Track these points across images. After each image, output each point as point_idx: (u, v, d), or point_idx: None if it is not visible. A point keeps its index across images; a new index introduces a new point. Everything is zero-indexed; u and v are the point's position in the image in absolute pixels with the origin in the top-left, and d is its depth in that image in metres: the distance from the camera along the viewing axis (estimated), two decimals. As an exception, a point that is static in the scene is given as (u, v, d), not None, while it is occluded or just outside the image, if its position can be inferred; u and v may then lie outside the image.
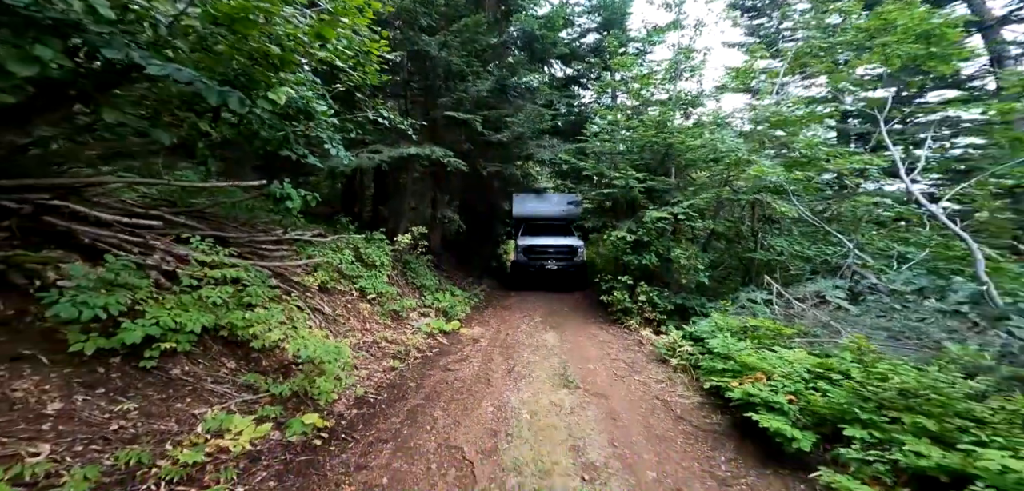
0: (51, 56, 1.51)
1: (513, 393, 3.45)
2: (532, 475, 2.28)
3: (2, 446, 1.63)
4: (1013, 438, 1.56)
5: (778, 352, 2.97)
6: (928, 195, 6.08)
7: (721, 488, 2.23)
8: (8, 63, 1.43)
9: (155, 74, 1.79)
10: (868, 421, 1.94)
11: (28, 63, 1.47)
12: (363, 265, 5.87)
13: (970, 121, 8.01)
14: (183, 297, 2.56)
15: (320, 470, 2.31)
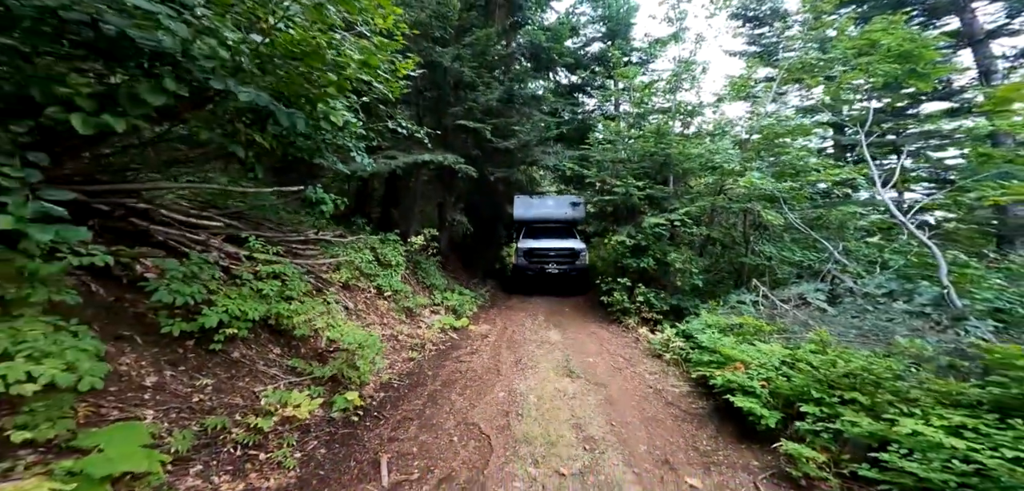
0: (175, 88, 1.92)
1: (521, 381, 3.86)
2: (541, 445, 2.68)
3: (120, 410, 2.05)
4: (929, 411, 1.94)
5: (757, 346, 3.36)
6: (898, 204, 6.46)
7: (702, 459, 2.62)
8: (144, 94, 1.84)
9: (244, 100, 2.20)
10: (820, 399, 2.33)
11: (158, 94, 1.87)
12: (380, 265, 6.29)
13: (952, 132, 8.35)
14: (242, 289, 2.97)
15: (359, 441, 2.72)
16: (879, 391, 2.17)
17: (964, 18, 9.10)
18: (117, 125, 1.80)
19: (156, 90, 1.90)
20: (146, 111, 1.90)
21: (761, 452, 2.61)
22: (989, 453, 1.56)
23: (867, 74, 5.25)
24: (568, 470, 2.41)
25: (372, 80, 3.34)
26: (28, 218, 1.44)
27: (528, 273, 9.50)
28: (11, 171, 1.55)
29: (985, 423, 1.72)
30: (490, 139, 8.37)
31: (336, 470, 2.37)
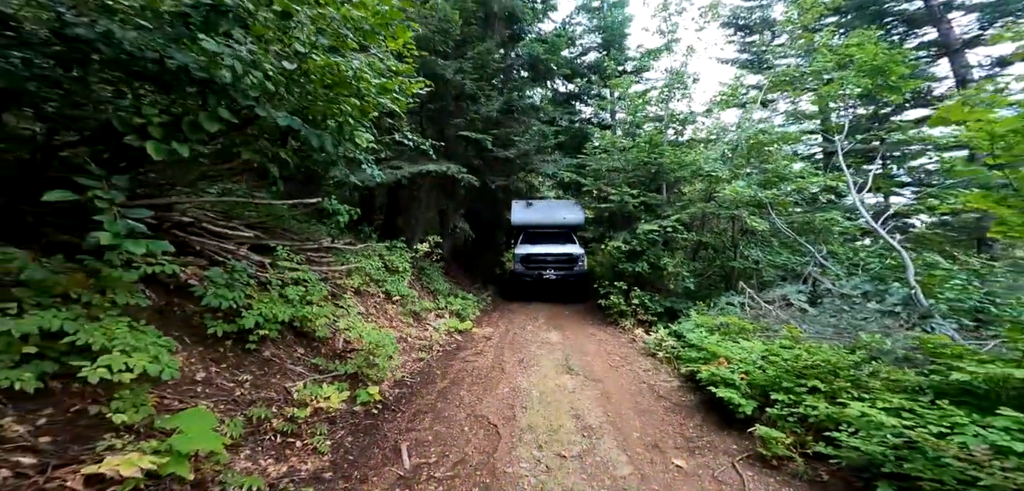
0: (227, 116, 2.23)
1: (524, 378, 4.16)
2: (544, 432, 2.99)
3: (179, 401, 2.35)
4: (878, 396, 2.25)
5: (740, 343, 3.69)
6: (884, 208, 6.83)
7: (688, 443, 2.94)
8: (203, 122, 2.15)
9: (282, 123, 2.51)
10: (789, 388, 2.65)
11: (214, 121, 2.18)
12: (388, 271, 6.59)
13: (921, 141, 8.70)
14: (272, 295, 3.28)
15: (380, 431, 3.02)
16: (837, 380, 2.50)
17: (941, 28, 9.53)
18: (182, 151, 2.12)
19: (213, 118, 2.22)
20: (203, 137, 2.21)
21: (739, 437, 2.93)
22: (919, 430, 1.87)
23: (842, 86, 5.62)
24: (568, 453, 2.72)
25: (388, 102, 3.67)
26: (122, 234, 1.74)
27: (525, 280, 9.20)
28: (102, 194, 1.86)
29: (920, 405, 2.04)
30: (490, 149, 8.71)
31: (363, 455, 2.67)
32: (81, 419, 1.92)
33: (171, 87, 2.28)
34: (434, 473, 2.50)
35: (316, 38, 2.75)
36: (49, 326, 1.70)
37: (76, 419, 1.91)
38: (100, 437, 1.84)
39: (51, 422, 1.82)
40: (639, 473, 2.51)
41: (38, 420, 1.79)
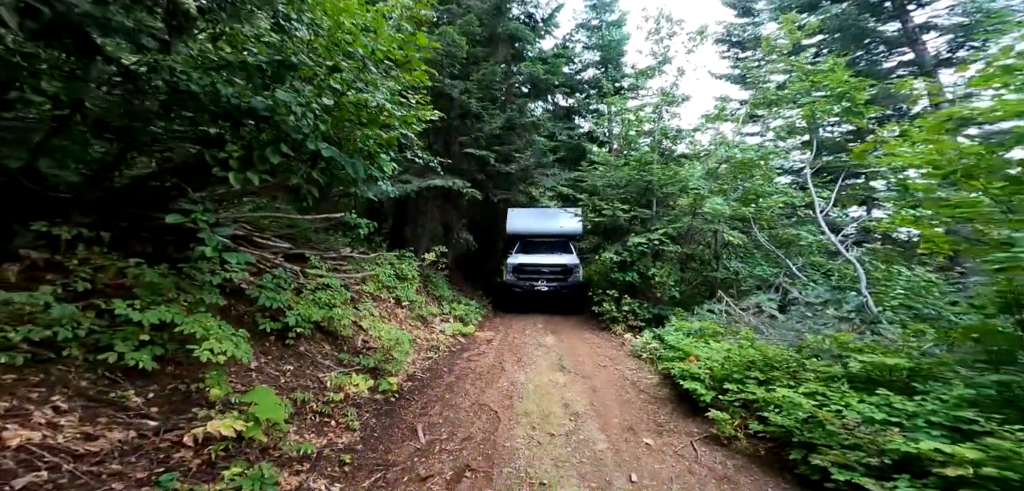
0: (287, 150, 2.81)
1: (521, 374, 4.71)
2: (537, 418, 3.53)
3: (243, 384, 2.91)
4: (806, 384, 2.78)
5: (710, 344, 4.22)
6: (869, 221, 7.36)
7: (658, 427, 3.47)
8: (269, 155, 2.73)
9: (325, 154, 3.10)
10: (738, 378, 3.18)
11: (277, 154, 2.76)
12: (398, 278, 7.16)
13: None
14: (306, 297, 3.85)
15: (398, 415, 3.57)
16: (774, 372, 3.03)
17: (916, 50, 10.12)
18: (254, 179, 2.70)
19: (276, 152, 2.80)
20: (268, 167, 2.80)
21: (701, 422, 3.46)
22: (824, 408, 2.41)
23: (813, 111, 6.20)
24: (557, 433, 3.26)
25: (407, 130, 4.26)
26: (220, 249, 2.32)
27: (515, 291, 8.78)
28: (201, 217, 2.45)
29: (830, 389, 2.57)
30: (493, 164, 9.31)
31: (386, 433, 3.22)
32: (175, 395, 2.49)
33: (242, 125, 2.87)
34: (446, 447, 3.04)
35: (352, 79, 3.35)
36: (164, 319, 2.28)
37: (172, 395, 2.47)
38: (192, 409, 2.41)
39: (157, 396, 2.39)
40: (614, 448, 3.05)
41: (148, 393, 2.36)
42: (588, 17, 16.02)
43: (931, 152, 2.75)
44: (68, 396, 1.99)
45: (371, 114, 3.45)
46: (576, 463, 2.80)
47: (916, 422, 2.00)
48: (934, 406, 2.05)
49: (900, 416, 2.10)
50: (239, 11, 2.51)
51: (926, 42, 10.19)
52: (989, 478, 1.58)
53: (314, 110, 3.03)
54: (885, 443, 1.92)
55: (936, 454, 1.71)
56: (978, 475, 1.59)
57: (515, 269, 9.00)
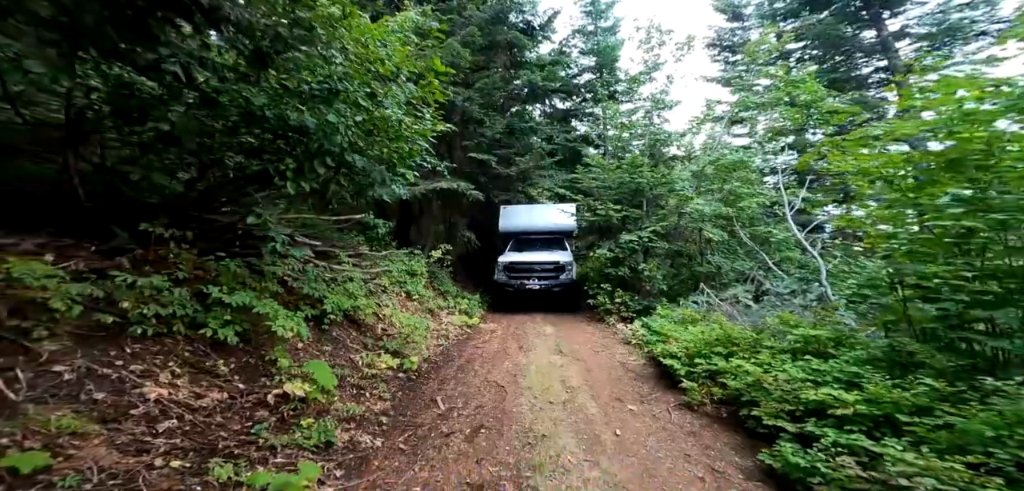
0: (332, 162, 3.38)
1: (523, 358, 5.32)
2: (538, 391, 4.14)
3: (296, 360, 3.49)
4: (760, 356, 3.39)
5: (688, 329, 4.85)
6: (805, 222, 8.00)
7: (641, 398, 4.09)
8: (317, 167, 3.29)
9: (358, 166, 3.66)
10: (706, 354, 3.80)
11: (323, 166, 3.32)
12: (408, 274, 7.74)
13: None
14: (337, 289, 4.43)
15: (419, 389, 4.17)
16: (735, 348, 3.65)
17: (889, 57, 10.79)
18: (306, 186, 3.27)
19: (322, 164, 3.38)
20: (316, 176, 3.37)
21: (677, 394, 4.08)
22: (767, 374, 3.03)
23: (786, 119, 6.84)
24: (555, 401, 3.87)
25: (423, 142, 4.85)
26: (286, 244, 2.90)
27: (507, 290, 8.55)
28: (270, 218, 3.03)
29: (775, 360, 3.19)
30: (494, 167, 9.91)
31: (412, 402, 3.81)
32: (249, 366, 3.07)
33: (296, 143, 3.44)
34: (462, 413, 3.64)
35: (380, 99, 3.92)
36: (244, 302, 2.86)
37: (246, 366, 3.06)
38: (262, 378, 2.99)
39: (237, 366, 2.98)
40: (603, 413, 3.66)
41: (231, 363, 2.94)
42: (584, 23, 16.59)
43: (849, 164, 3.38)
44: (179, 363, 2.57)
45: (396, 130, 4.03)
46: (571, 423, 3.41)
47: (825, 378, 2.61)
48: (840, 365, 2.66)
49: (816, 375, 2.71)
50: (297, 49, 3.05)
51: (900, 49, 10.86)
52: (861, 414, 2.19)
53: (351, 127, 3.61)
54: (802, 395, 2.53)
55: (830, 399, 2.32)
56: (856, 412, 2.20)
57: (506, 267, 8.70)
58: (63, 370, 2.01)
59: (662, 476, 2.58)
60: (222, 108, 2.85)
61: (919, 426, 1.95)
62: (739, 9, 17.63)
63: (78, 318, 2.17)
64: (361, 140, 3.83)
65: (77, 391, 2.01)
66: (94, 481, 1.72)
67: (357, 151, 3.71)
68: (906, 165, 3.30)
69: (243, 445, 2.37)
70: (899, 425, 2.05)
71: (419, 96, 4.61)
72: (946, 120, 2.77)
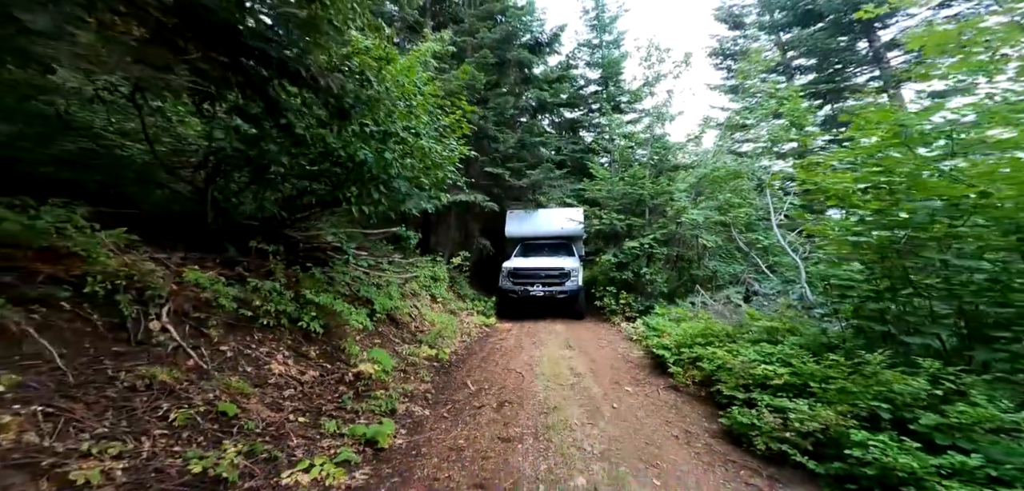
0: (385, 191, 4.29)
1: (537, 351, 6.15)
2: (550, 375, 4.97)
3: (363, 346, 4.40)
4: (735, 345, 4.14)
5: (680, 325, 5.62)
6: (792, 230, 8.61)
7: (636, 382, 4.88)
8: (373, 193, 4.19)
9: (402, 190, 4.55)
10: (690, 345, 4.57)
11: (378, 192, 4.23)
12: (432, 279, 8.66)
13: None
14: (381, 292, 5.34)
15: (453, 374, 5.04)
16: (714, 339, 4.41)
17: (881, 67, 11.30)
18: (366, 208, 4.18)
19: (377, 190, 4.28)
20: (372, 201, 4.27)
21: (666, 378, 4.85)
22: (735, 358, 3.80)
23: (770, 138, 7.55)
24: (565, 384, 4.69)
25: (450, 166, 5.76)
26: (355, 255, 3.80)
27: (511, 297, 8.34)
28: (344, 235, 3.94)
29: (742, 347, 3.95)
30: (508, 179, 10.78)
31: (447, 384, 4.68)
32: (327, 352, 3.97)
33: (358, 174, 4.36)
34: (489, 392, 4.49)
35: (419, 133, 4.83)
36: (326, 302, 3.76)
37: (325, 352, 3.96)
38: (338, 361, 3.90)
39: (319, 352, 3.89)
40: (604, 392, 4.47)
41: (315, 350, 3.86)
42: (589, 37, 17.40)
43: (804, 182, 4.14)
44: (286, 348, 3.48)
45: (431, 160, 4.94)
46: (577, 399, 4.23)
47: (771, 359, 3.37)
48: (784, 349, 3.41)
49: (766, 357, 3.47)
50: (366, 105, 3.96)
51: (891, 59, 11.37)
52: (789, 384, 2.96)
53: (399, 159, 4.51)
54: (752, 372, 3.30)
55: (769, 374, 3.08)
56: (785, 382, 2.97)
57: (511, 273, 8.50)
58: (226, 349, 2.93)
59: (646, 434, 3.39)
60: (307, 147, 3.77)
61: (821, 390, 2.71)
62: (740, 18, 18.20)
63: (230, 312, 3.09)
64: (405, 170, 4.75)
65: (235, 364, 2.92)
66: (260, 427, 2.62)
67: (403, 179, 4.63)
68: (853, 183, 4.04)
69: (337, 409, 3.27)
70: (811, 390, 2.81)
71: (448, 125, 5.54)
72: (868, 149, 3.53)
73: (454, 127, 5.41)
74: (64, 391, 1.90)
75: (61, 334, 2.09)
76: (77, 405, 1.87)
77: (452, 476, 2.71)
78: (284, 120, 3.32)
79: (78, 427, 1.82)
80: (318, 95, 3.34)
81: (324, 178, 4.28)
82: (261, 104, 3.44)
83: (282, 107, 3.29)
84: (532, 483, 2.61)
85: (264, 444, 2.47)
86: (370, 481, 2.59)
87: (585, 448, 3.07)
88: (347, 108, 3.57)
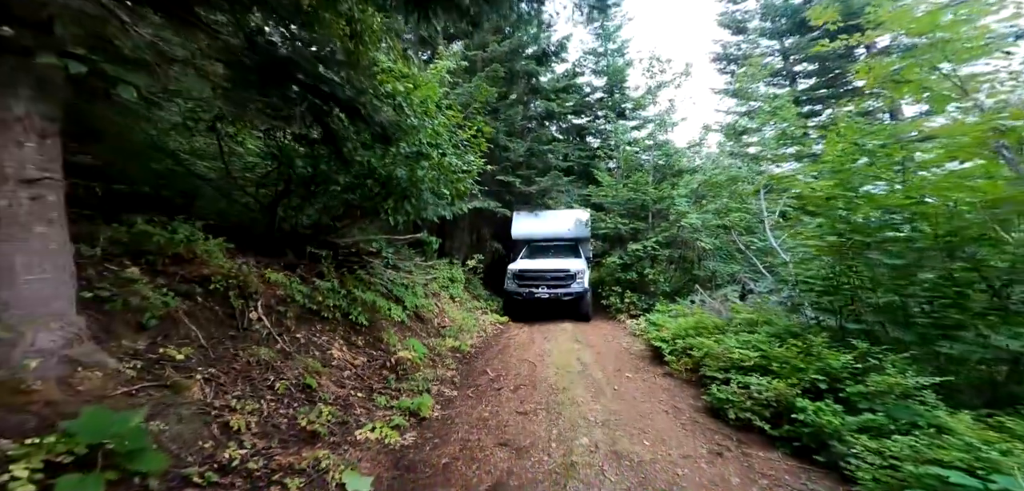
0: (417, 204, 5.00)
1: (548, 344, 6.81)
2: (560, 364, 5.63)
3: (399, 337, 5.13)
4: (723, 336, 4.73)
5: (677, 320, 6.23)
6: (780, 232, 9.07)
7: (636, 369, 5.51)
8: (406, 207, 4.91)
9: (430, 202, 5.26)
10: (684, 336, 5.19)
11: (410, 204, 4.95)
12: (450, 280, 9.38)
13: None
14: (409, 292, 6.07)
15: (474, 363, 5.74)
16: (705, 330, 5.02)
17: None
18: (400, 220, 4.90)
19: (410, 203, 5.01)
20: (405, 212, 5.00)
21: (662, 367, 5.47)
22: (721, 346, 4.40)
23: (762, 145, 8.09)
24: (572, 371, 5.34)
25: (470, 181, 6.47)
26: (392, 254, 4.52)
27: (516, 298, 8.32)
28: (383, 242, 4.67)
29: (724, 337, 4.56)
30: (518, 186, 11.47)
31: (469, 371, 5.38)
32: (371, 341, 4.70)
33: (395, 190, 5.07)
34: (506, 378, 5.16)
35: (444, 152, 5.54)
36: (370, 298, 4.49)
37: (368, 341, 4.69)
38: (379, 349, 4.62)
39: (364, 341, 4.62)
40: (607, 378, 5.11)
41: (362, 339, 4.59)
42: (594, 46, 17.99)
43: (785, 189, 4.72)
44: (340, 337, 4.22)
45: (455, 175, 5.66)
46: (583, 383, 4.89)
47: (746, 345, 3.98)
48: (758, 337, 4.01)
49: (743, 344, 4.08)
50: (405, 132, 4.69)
51: (888, 66, 11.74)
52: (758, 365, 3.56)
53: (428, 175, 5.23)
54: (731, 355, 3.92)
55: (742, 356, 3.70)
56: (755, 364, 3.58)
57: (516, 275, 8.47)
58: (300, 337, 3.67)
59: (640, 410, 4.03)
60: (353, 166, 4.52)
61: (779, 368, 3.32)
62: (743, 24, 18.60)
63: (300, 306, 3.84)
64: (433, 184, 5.47)
65: (308, 349, 3.66)
66: (332, 399, 3.34)
67: (432, 193, 5.36)
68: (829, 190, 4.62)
69: (384, 387, 3.99)
70: (773, 368, 3.42)
71: (466, 141, 6.27)
72: (830, 162, 4.12)
73: (472, 144, 6.12)
74: (209, 363, 2.63)
75: (198, 321, 2.83)
76: (220, 373, 2.61)
77: (481, 438, 3.40)
78: (345, 149, 4.04)
79: (223, 389, 2.55)
80: (369, 126, 4.06)
81: (363, 191, 5.03)
82: (320, 131, 4.18)
83: (339, 135, 4.02)
84: (545, 442, 3.28)
85: (337, 410, 3.19)
86: (417, 440, 3.30)
87: (589, 418, 3.73)
88: (390, 135, 4.30)
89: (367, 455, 2.88)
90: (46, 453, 1.52)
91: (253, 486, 2.17)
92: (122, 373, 2.12)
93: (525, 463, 2.93)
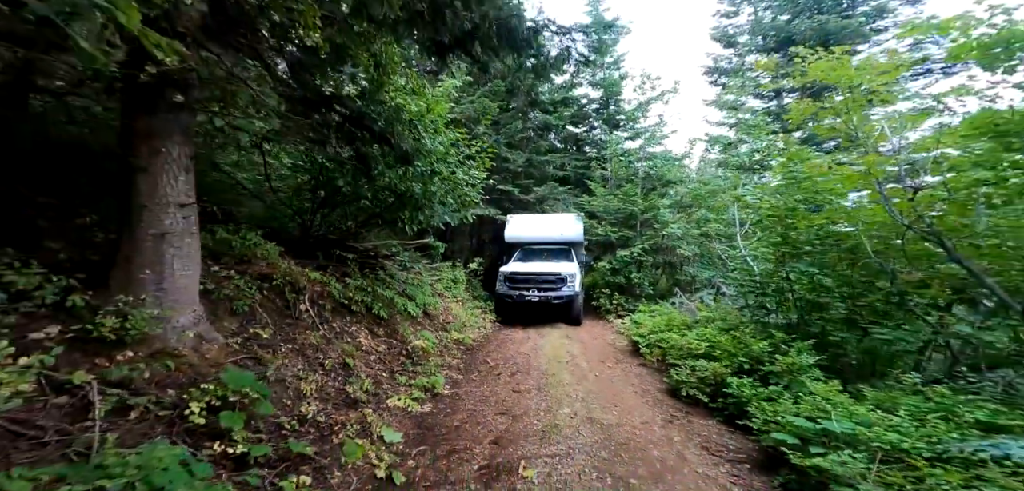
0: (429, 213, 5.84)
1: (540, 340, 7.66)
2: (550, 356, 6.47)
3: (415, 332, 5.97)
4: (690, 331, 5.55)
5: (655, 319, 7.08)
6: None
7: (617, 361, 6.35)
8: (418, 216, 5.75)
9: (438, 211, 6.10)
10: (657, 332, 6.04)
11: (423, 214, 5.77)
12: (452, 282, 10.22)
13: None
14: (418, 291, 6.91)
15: (475, 354, 6.58)
16: (674, 326, 5.87)
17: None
18: (414, 227, 5.75)
19: (423, 213, 5.85)
20: (418, 221, 5.83)
21: (639, 358, 6.32)
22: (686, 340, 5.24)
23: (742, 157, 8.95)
24: (562, 361, 6.19)
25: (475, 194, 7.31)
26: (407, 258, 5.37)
27: (507, 301, 8.35)
28: (399, 246, 5.52)
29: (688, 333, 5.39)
30: (517, 195, 12.33)
31: (472, 360, 6.22)
32: (387, 332, 5.54)
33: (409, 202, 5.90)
34: (503, 366, 6.00)
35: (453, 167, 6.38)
36: (388, 294, 5.32)
37: (387, 331, 5.53)
38: (397, 338, 5.45)
39: (384, 332, 5.46)
40: (590, 367, 5.95)
41: (382, 330, 5.43)
42: (592, 58, 18.85)
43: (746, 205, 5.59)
44: (364, 328, 5.05)
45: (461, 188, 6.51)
46: (570, 370, 5.73)
47: (702, 337, 4.83)
48: (712, 331, 4.87)
49: (699, 337, 4.93)
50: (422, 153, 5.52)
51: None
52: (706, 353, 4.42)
53: (439, 189, 6.08)
54: (688, 346, 4.77)
55: (694, 345, 4.55)
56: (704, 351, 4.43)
57: (508, 278, 8.51)
58: (337, 326, 4.50)
59: (615, 390, 4.88)
60: (378, 182, 5.37)
61: (720, 354, 4.17)
62: (733, 38, 19.51)
63: (336, 301, 4.67)
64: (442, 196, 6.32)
65: (343, 336, 4.49)
66: (363, 378, 4.18)
67: (442, 204, 6.21)
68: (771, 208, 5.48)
69: (404, 370, 4.83)
70: (715, 355, 4.26)
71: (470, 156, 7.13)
72: (778, 186, 4.98)
73: (477, 160, 6.98)
74: (276, 345, 3.47)
75: (267, 310, 3.66)
76: (287, 351, 3.44)
77: (484, 409, 4.24)
78: (374, 171, 4.88)
79: (288, 364, 3.38)
80: (392, 148, 4.91)
81: (383, 203, 5.88)
82: (351, 152, 5.03)
83: (369, 157, 4.87)
84: (536, 412, 4.12)
85: (371, 384, 4.04)
86: (433, 410, 4.14)
87: (571, 395, 4.57)
88: (410, 157, 5.15)
89: (396, 418, 3.72)
90: (208, 397, 2.35)
91: (321, 433, 3.01)
92: (229, 346, 2.95)
93: (519, 425, 3.77)
